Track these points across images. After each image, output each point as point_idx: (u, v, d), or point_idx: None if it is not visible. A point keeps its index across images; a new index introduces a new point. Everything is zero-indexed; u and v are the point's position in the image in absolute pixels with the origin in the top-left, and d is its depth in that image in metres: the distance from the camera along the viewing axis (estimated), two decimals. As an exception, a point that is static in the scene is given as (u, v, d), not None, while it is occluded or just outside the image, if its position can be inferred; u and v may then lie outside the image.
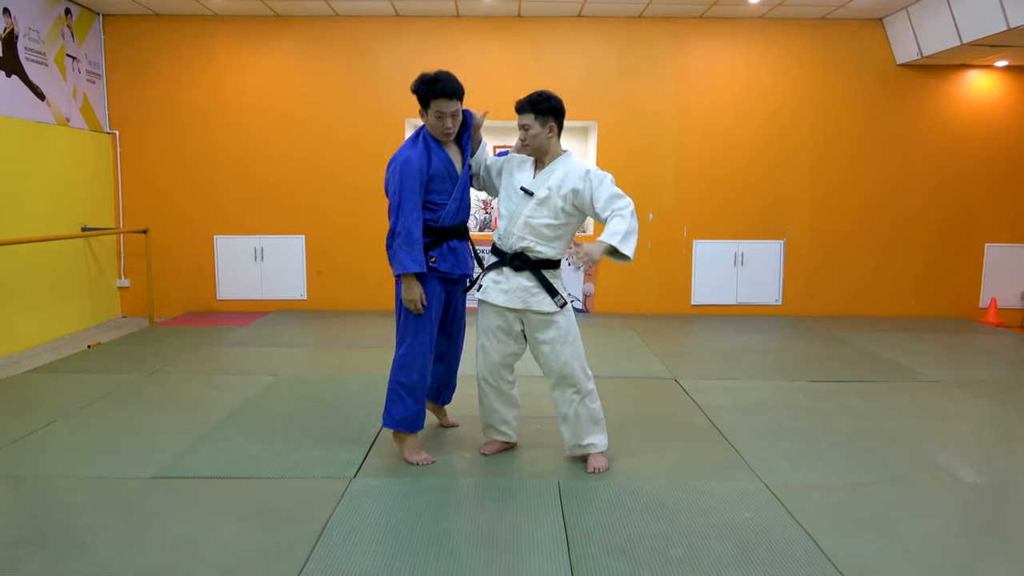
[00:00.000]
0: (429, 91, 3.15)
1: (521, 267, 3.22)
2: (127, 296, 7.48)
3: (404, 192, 3.14)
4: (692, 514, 2.90)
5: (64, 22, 6.55)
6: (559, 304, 3.19)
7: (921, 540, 2.71)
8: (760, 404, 4.42)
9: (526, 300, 3.21)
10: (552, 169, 3.23)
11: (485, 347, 3.37)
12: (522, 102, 3.21)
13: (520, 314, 3.27)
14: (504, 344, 3.34)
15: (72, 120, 6.66)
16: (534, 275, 3.21)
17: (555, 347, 3.23)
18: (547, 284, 3.19)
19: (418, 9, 6.99)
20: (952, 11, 6.22)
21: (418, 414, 3.35)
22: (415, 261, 3.13)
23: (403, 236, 3.13)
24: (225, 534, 2.70)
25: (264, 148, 7.36)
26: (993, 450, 3.73)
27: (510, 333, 3.33)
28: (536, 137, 3.20)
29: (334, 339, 6.20)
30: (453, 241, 3.32)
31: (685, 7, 6.89)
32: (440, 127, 3.21)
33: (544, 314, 3.21)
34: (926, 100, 7.33)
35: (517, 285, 3.22)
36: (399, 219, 3.14)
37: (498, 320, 3.32)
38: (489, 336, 3.35)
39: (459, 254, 3.35)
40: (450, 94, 3.16)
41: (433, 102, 3.16)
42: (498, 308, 3.30)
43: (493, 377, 3.39)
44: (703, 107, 7.33)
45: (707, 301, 7.55)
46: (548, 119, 3.20)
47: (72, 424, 3.95)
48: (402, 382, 3.30)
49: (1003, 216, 7.49)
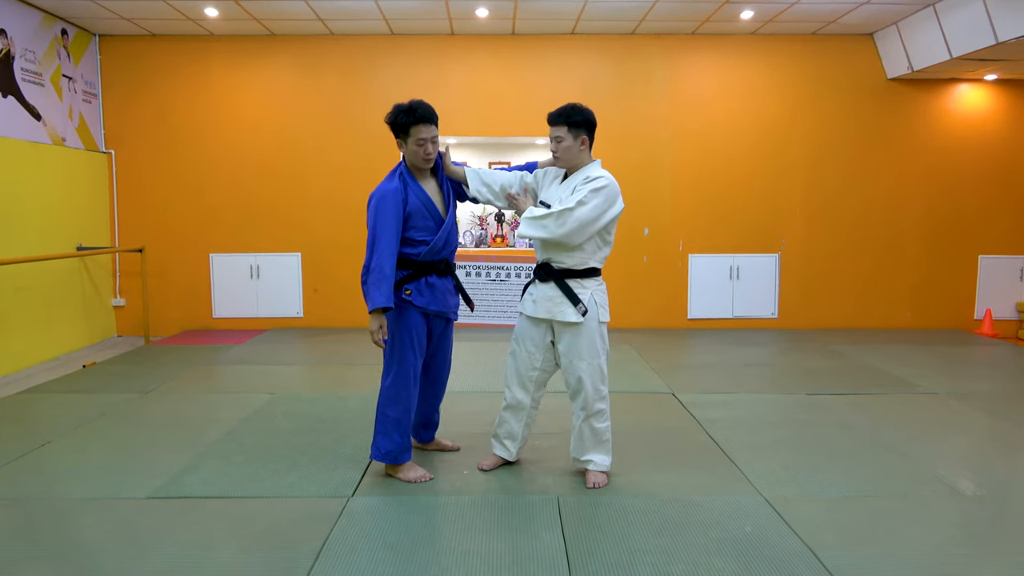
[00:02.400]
0: (410, 118, 3.21)
1: (546, 277, 3.26)
2: (122, 315, 7.46)
3: (379, 228, 3.18)
4: (693, 529, 2.89)
5: (60, 42, 6.58)
6: (581, 312, 3.20)
7: (920, 552, 2.70)
8: (758, 418, 4.42)
9: (551, 310, 3.25)
10: (572, 180, 3.26)
11: (514, 353, 3.43)
12: (555, 114, 3.23)
13: (549, 324, 3.31)
14: (531, 355, 3.37)
15: (68, 140, 6.67)
16: (558, 285, 3.24)
17: (571, 360, 3.26)
18: (570, 293, 3.21)
19: (413, 27, 7.04)
20: (941, 26, 6.29)
21: (402, 447, 3.36)
22: (384, 296, 3.15)
23: (375, 273, 3.16)
24: (222, 554, 2.68)
25: (259, 166, 7.37)
26: (991, 461, 3.73)
27: (540, 344, 3.35)
28: (568, 149, 3.23)
29: (331, 357, 6.18)
30: (432, 277, 3.34)
31: (678, 24, 6.95)
32: (422, 153, 3.26)
33: (568, 324, 3.23)
34: (917, 114, 7.40)
35: (543, 295, 3.27)
36: (373, 255, 3.18)
37: (531, 330, 3.36)
38: (519, 345, 3.41)
39: (437, 290, 3.35)
40: (429, 119, 3.23)
41: (413, 128, 3.22)
42: (531, 319, 3.35)
43: (517, 386, 3.42)
44: (697, 122, 7.38)
45: (703, 315, 7.56)
46: (581, 132, 3.22)
47: (68, 445, 3.92)
48: (388, 414, 3.33)
49: (996, 227, 7.54)
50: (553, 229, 3.12)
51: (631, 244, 7.43)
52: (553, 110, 3.26)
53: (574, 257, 3.22)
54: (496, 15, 6.64)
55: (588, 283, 3.25)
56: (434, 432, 3.77)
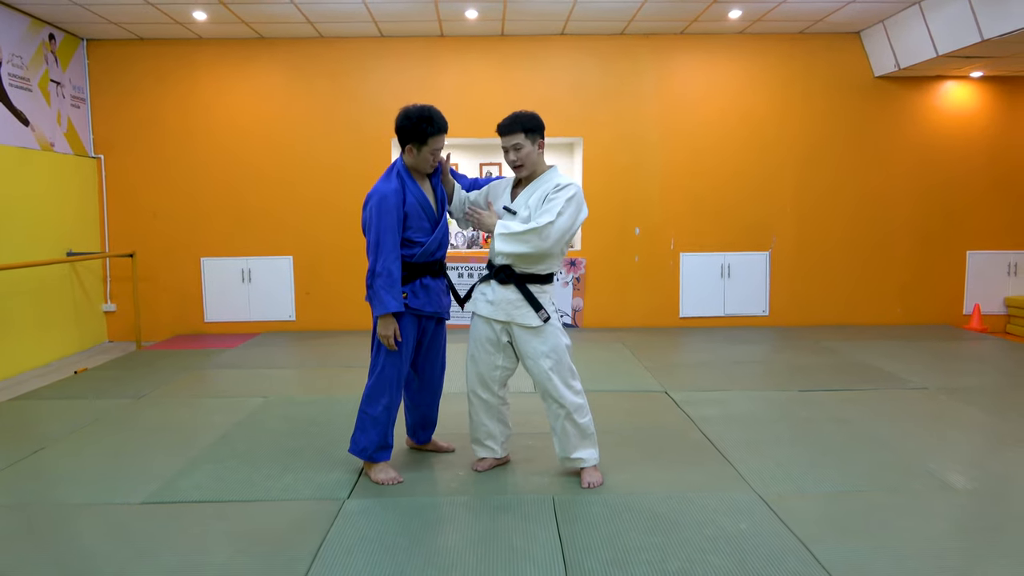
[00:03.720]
0: (431, 128, 3.20)
1: (506, 280, 3.25)
2: (113, 320, 7.43)
3: (383, 230, 3.17)
4: (688, 527, 2.90)
5: (48, 47, 6.55)
6: (543, 318, 3.22)
7: (914, 546, 2.73)
8: (751, 415, 4.44)
9: (510, 313, 3.24)
10: (535, 186, 3.27)
11: (474, 357, 3.40)
12: (508, 124, 3.22)
13: (506, 326, 3.30)
14: (491, 356, 3.36)
15: (56, 145, 6.64)
16: (519, 288, 3.23)
17: (537, 362, 3.25)
18: (531, 298, 3.22)
19: (402, 29, 7.04)
20: (927, 24, 6.34)
21: (379, 445, 3.36)
22: (395, 299, 3.17)
23: (384, 277, 3.16)
24: (218, 558, 2.68)
25: (250, 170, 7.36)
26: (983, 455, 3.76)
27: (497, 345, 3.34)
28: (529, 155, 3.24)
29: (324, 360, 6.17)
30: (427, 278, 3.34)
31: (667, 24, 6.98)
32: (432, 160, 3.29)
33: (528, 328, 3.23)
34: (905, 111, 7.45)
35: (502, 298, 3.26)
36: (379, 258, 3.17)
37: (486, 331, 3.34)
38: (477, 346, 3.38)
39: (431, 291, 3.36)
40: (445, 129, 3.26)
41: (432, 139, 3.22)
42: (485, 319, 3.33)
43: (481, 388, 3.41)
44: (687, 121, 7.41)
45: (695, 313, 7.59)
46: (537, 136, 3.25)
47: (61, 451, 3.90)
48: (367, 412, 3.35)
49: (984, 223, 7.60)
50: (537, 243, 3.12)
51: (623, 244, 7.45)
52: (503, 121, 3.23)
53: (542, 263, 3.23)
54: (485, 16, 6.65)
55: (548, 287, 3.28)
56: (431, 432, 3.77)
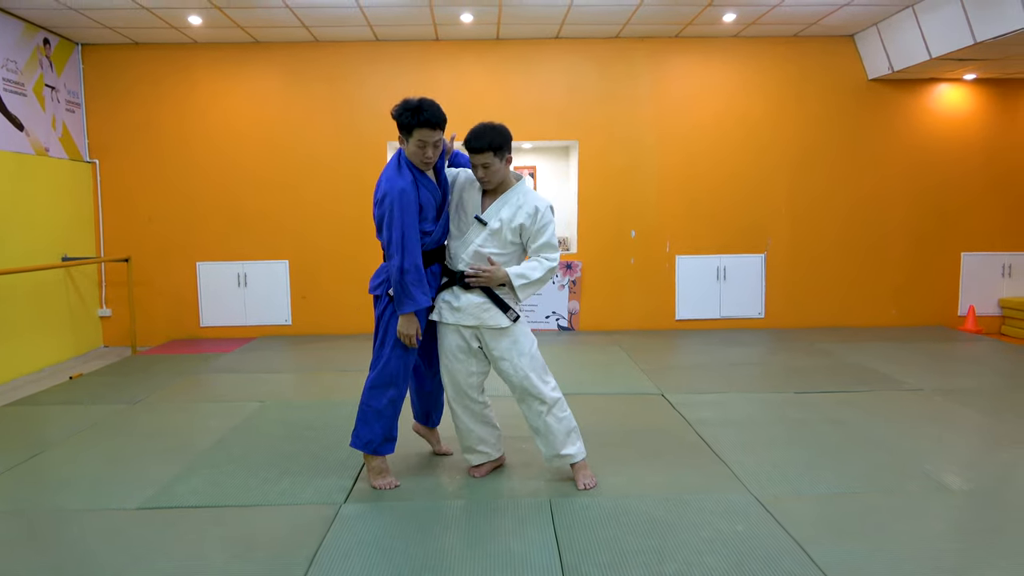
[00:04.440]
0: (414, 119, 3.08)
1: (470, 285, 3.24)
2: (109, 325, 7.41)
3: (407, 226, 3.08)
4: (684, 529, 2.91)
5: (42, 52, 6.54)
6: (512, 318, 3.23)
7: (910, 547, 2.73)
8: (747, 417, 4.45)
9: (479, 316, 3.24)
10: (506, 199, 3.24)
11: (448, 368, 3.38)
12: (478, 144, 3.12)
13: (475, 330, 3.29)
14: (465, 364, 3.35)
15: (51, 150, 6.63)
16: (484, 291, 3.23)
17: (513, 361, 3.25)
18: (498, 300, 3.22)
19: (398, 33, 7.05)
20: (920, 27, 6.37)
21: (384, 438, 3.33)
22: (426, 295, 3.14)
23: (413, 273, 3.09)
24: (215, 563, 2.67)
25: (245, 173, 7.35)
26: (978, 456, 3.77)
27: (469, 351, 3.34)
28: (497, 172, 3.20)
29: (320, 364, 6.17)
30: (436, 266, 3.33)
31: (662, 27, 7.00)
32: (421, 156, 3.16)
33: (497, 329, 3.24)
34: (899, 113, 7.48)
35: (468, 302, 3.25)
36: (406, 255, 3.07)
37: (455, 339, 3.33)
38: (449, 357, 3.36)
39: (438, 279, 3.35)
40: (434, 124, 3.09)
41: (417, 131, 3.10)
42: (453, 327, 3.32)
43: (461, 397, 3.40)
44: (682, 124, 7.43)
45: (691, 316, 7.60)
46: (504, 152, 3.20)
47: (57, 456, 3.89)
48: (371, 405, 3.31)
49: (978, 225, 7.63)
50: (550, 277, 3.27)
51: (619, 247, 7.46)
52: (470, 134, 3.15)
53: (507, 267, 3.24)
54: (481, 20, 6.66)
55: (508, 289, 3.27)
56: (440, 415, 3.72)
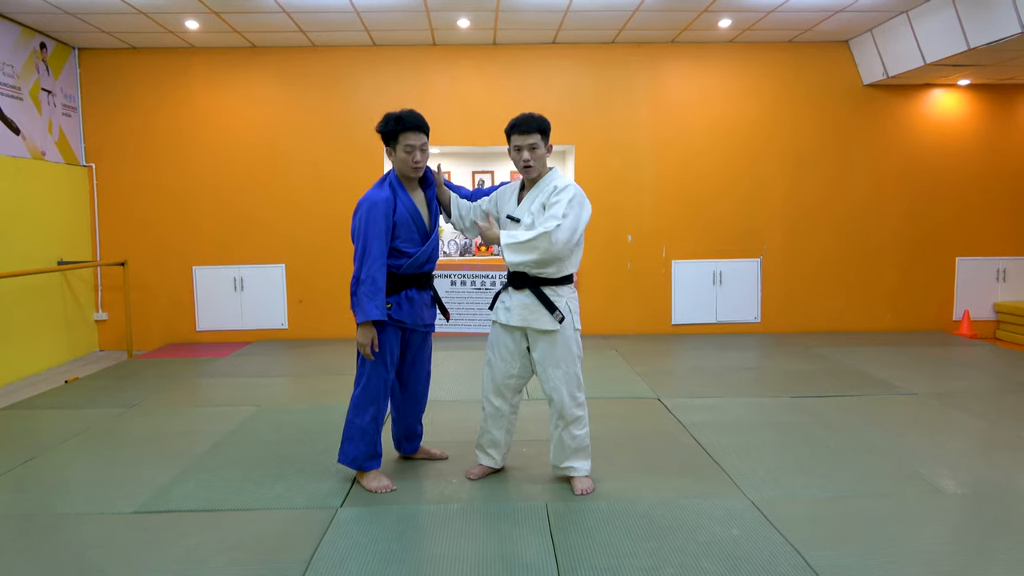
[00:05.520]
0: (399, 125, 3.23)
1: (520, 285, 3.27)
2: (105, 329, 7.40)
3: (370, 238, 3.17)
4: (681, 533, 2.91)
5: (39, 56, 6.54)
6: (557, 319, 3.22)
7: (905, 550, 2.74)
8: (743, 421, 4.46)
9: (525, 317, 3.26)
10: (537, 191, 3.28)
11: (490, 363, 3.43)
12: (526, 123, 3.21)
13: (523, 331, 3.32)
14: (508, 363, 3.37)
15: (48, 154, 6.62)
16: (533, 292, 3.25)
17: (546, 369, 3.27)
18: (545, 301, 3.23)
19: (394, 38, 7.07)
20: (915, 33, 6.41)
21: (368, 455, 3.38)
22: (378, 308, 3.17)
23: (367, 284, 3.16)
24: (211, 567, 2.66)
25: (242, 178, 7.35)
26: (973, 460, 3.78)
27: (515, 352, 3.36)
28: (542, 158, 3.27)
29: (316, 368, 6.16)
30: (412, 291, 3.35)
31: (658, 32, 7.03)
32: (410, 160, 3.26)
33: (543, 332, 3.25)
34: (893, 119, 7.52)
35: (517, 303, 3.28)
36: (364, 266, 3.17)
37: (505, 338, 3.37)
38: (495, 353, 3.41)
39: (416, 304, 3.37)
40: (417, 127, 3.25)
41: (402, 136, 3.23)
42: (504, 326, 3.36)
43: (495, 395, 3.43)
44: (678, 129, 7.45)
45: (687, 320, 7.61)
46: (547, 139, 3.28)
47: (52, 460, 3.88)
48: (355, 422, 3.36)
49: (973, 230, 7.66)
50: (546, 248, 3.11)
51: (615, 251, 7.48)
52: (517, 119, 3.24)
53: (552, 266, 3.23)
54: (477, 25, 6.68)
55: (563, 290, 3.28)
56: (418, 443, 3.77)
